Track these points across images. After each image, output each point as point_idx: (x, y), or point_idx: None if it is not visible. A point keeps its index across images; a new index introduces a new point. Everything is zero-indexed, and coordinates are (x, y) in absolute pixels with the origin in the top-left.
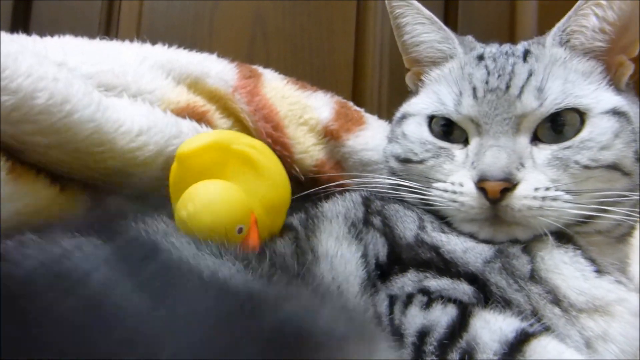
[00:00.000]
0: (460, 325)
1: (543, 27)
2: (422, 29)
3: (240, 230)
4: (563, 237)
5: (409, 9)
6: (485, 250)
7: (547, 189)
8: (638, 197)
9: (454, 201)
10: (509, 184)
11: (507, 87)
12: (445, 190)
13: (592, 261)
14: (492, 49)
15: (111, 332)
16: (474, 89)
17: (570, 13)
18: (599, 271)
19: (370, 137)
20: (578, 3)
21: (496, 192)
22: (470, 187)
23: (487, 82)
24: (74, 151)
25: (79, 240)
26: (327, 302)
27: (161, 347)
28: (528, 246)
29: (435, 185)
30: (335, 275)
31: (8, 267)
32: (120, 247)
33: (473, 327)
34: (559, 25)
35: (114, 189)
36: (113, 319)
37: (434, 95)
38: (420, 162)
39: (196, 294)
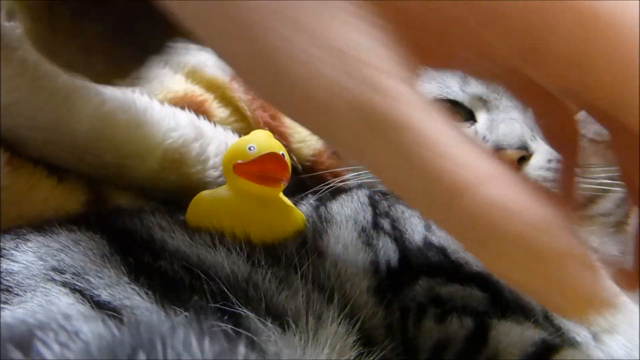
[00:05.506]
0: (480, 339)
1: None
2: None
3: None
4: None
5: None
6: None
7: (559, 161)
8: None
9: None
10: (526, 153)
11: None
12: None
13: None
14: None
15: None
16: None
17: None
18: None
19: None
20: None
21: (514, 160)
22: None
23: None
24: (72, 147)
25: (76, 235)
26: None
27: None
28: None
29: None
30: (338, 274)
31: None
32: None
33: (492, 340)
34: None
35: (109, 180)
36: None
37: (434, 82)
38: None
39: None
